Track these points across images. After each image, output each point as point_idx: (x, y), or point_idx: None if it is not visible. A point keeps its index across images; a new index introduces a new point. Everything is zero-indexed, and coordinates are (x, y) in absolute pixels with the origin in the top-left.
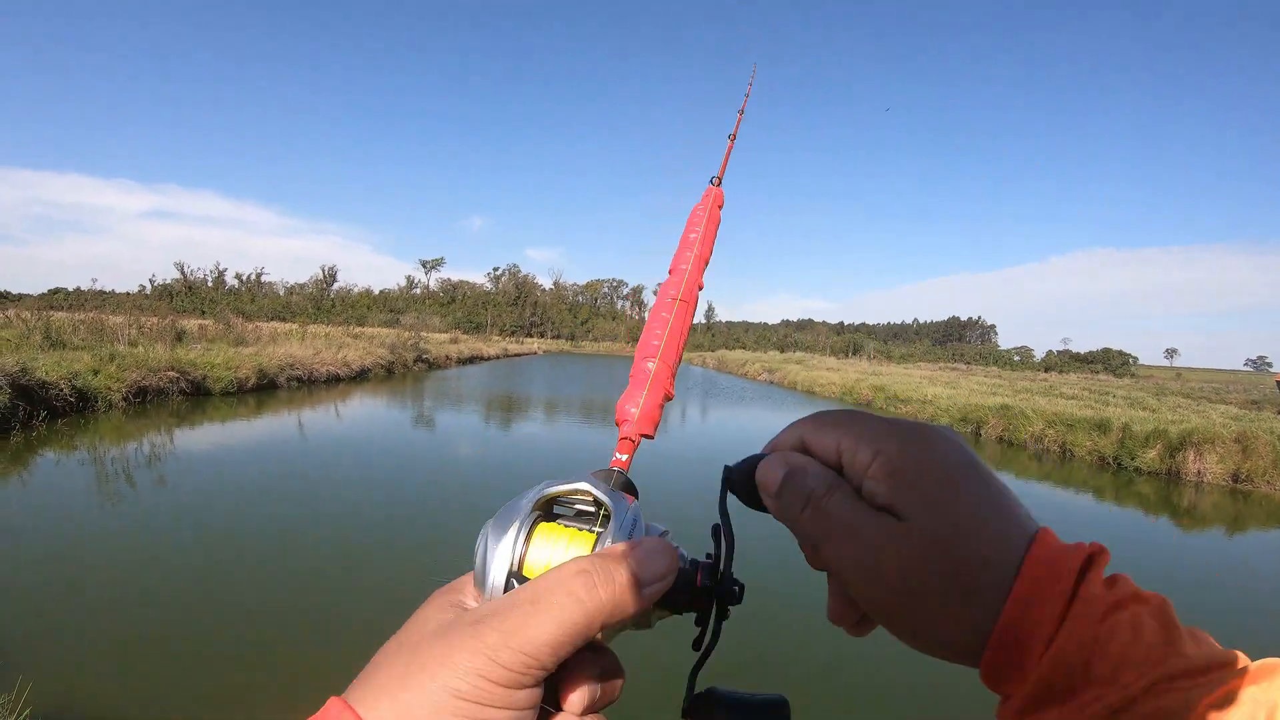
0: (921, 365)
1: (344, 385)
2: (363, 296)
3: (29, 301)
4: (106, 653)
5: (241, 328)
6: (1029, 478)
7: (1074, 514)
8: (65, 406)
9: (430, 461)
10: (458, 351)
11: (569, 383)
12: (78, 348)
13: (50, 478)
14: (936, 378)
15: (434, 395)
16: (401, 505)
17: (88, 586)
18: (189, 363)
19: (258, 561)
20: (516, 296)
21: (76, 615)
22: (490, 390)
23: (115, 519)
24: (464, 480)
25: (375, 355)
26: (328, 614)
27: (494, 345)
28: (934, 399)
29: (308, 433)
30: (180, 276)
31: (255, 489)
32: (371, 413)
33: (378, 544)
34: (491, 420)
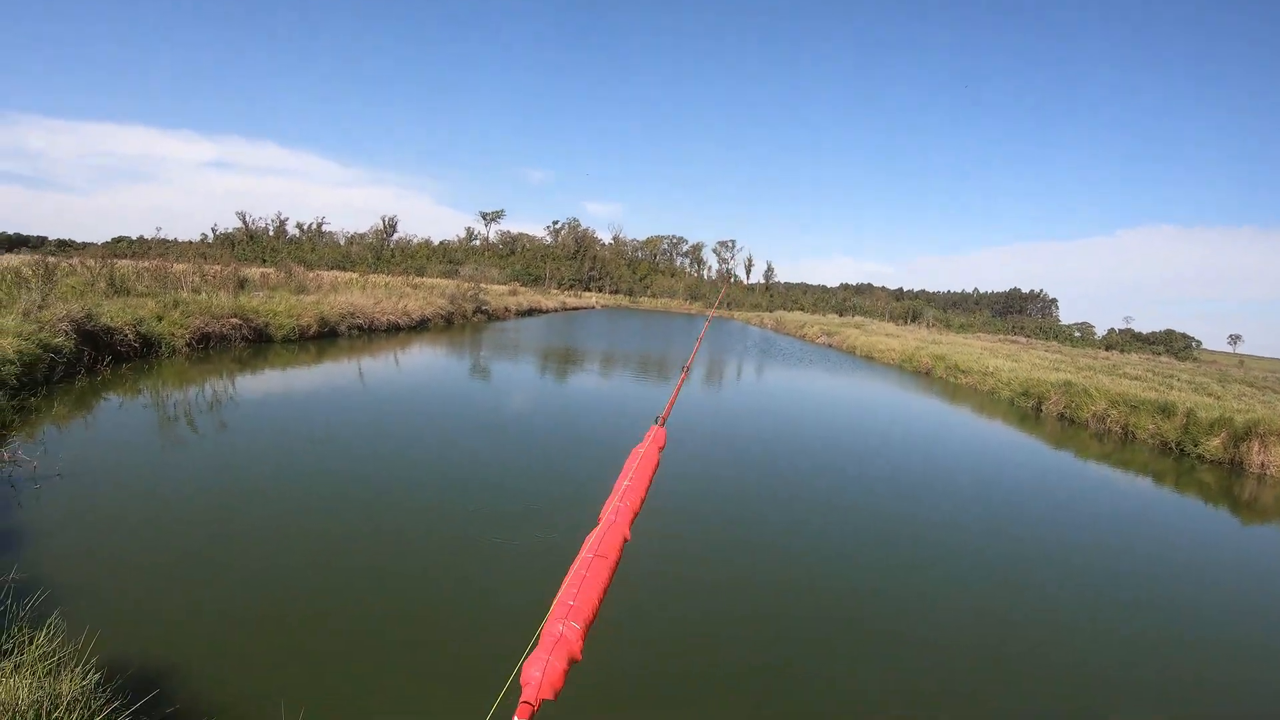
0: (981, 336)
1: (404, 334)
2: (422, 247)
3: (93, 250)
4: (169, 599)
5: (303, 276)
6: (1089, 457)
7: (1132, 499)
8: (130, 352)
9: (488, 411)
10: (516, 304)
11: (627, 338)
12: (142, 294)
13: (115, 421)
14: (997, 349)
15: (494, 346)
16: (458, 453)
17: (150, 531)
18: (252, 310)
19: (317, 507)
20: (575, 250)
21: (139, 561)
22: (549, 343)
23: (179, 463)
24: (521, 431)
25: (435, 305)
26: (385, 560)
27: (552, 298)
28: (995, 371)
29: (368, 380)
30: (242, 225)
31: (317, 435)
32: (432, 362)
33: (434, 492)
34: (549, 373)
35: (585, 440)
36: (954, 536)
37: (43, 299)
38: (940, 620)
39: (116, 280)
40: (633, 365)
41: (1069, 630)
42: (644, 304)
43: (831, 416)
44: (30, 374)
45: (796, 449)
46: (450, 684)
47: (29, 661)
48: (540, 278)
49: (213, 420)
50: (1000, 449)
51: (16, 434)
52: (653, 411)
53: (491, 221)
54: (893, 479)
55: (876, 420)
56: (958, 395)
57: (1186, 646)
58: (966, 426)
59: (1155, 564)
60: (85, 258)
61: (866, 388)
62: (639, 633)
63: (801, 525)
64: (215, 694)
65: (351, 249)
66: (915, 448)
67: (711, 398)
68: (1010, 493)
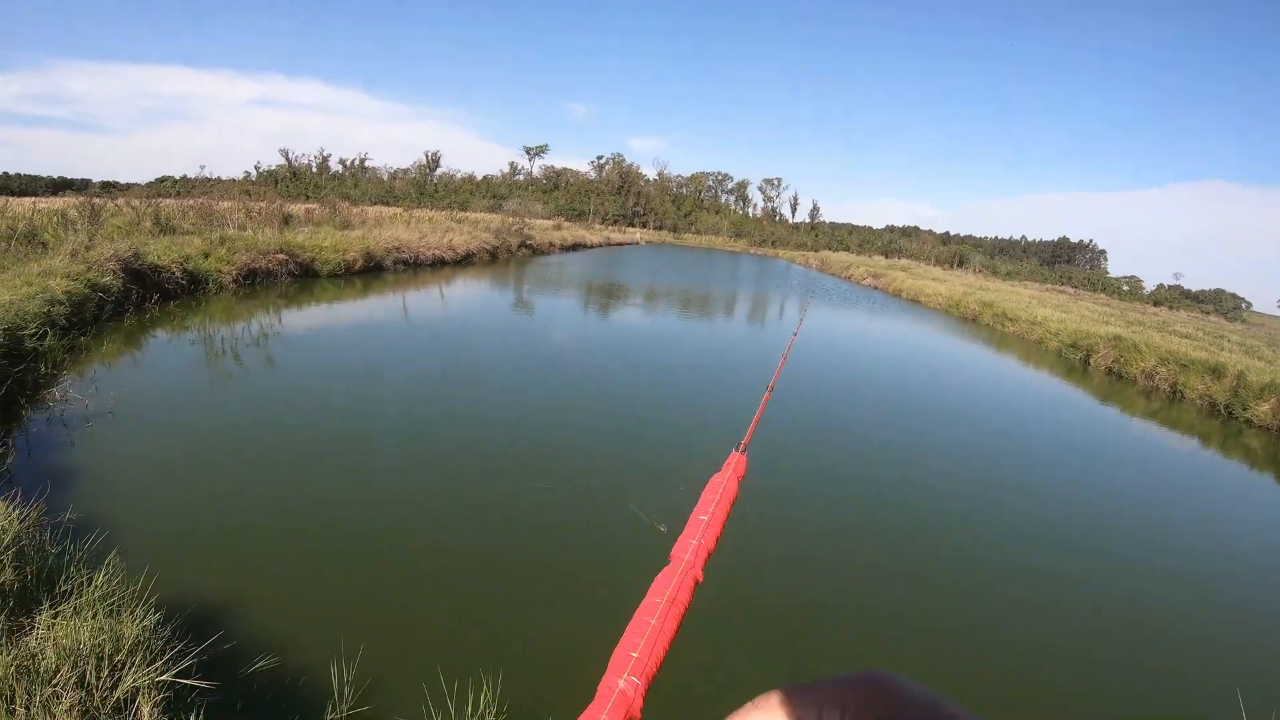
0: (1029, 284)
1: (449, 269)
2: (466, 182)
3: (137, 190)
4: (224, 537)
5: (347, 212)
6: (1135, 413)
7: (1178, 459)
8: (177, 289)
9: (541, 348)
10: (561, 238)
11: (673, 273)
12: (188, 232)
13: (164, 358)
14: (1045, 299)
15: (540, 280)
16: (511, 389)
17: (202, 468)
18: (297, 246)
19: (371, 444)
20: (620, 185)
21: (192, 499)
22: (595, 277)
23: (228, 399)
24: (569, 363)
25: (480, 240)
26: (440, 504)
27: (597, 233)
28: (1044, 320)
29: (417, 315)
30: (285, 162)
31: (369, 369)
32: (480, 296)
33: (488, 431)
34: (594, 307)
35: (631, 367)
36: (1023, 499)
37: (89, 239)
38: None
39: (162, 219)
40: (675, 300)
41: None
42: (688, 240)
43: (886, 358)
44: (79, 313)
45: (858, 395)
46: (505, 646)
47: (89, 603)
48: (584, 213)
49: (261, 355)
50: (1056, 402)
51: (68, 373)
52: (699, 343)
53: (535, 156)
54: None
55: (930, 366)
56: (1004, 343)
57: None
58: (1018, 377)
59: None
60: (130, 198)
61: (917, 333)
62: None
63: (870, 482)
64: (273, 631)
65: (395, 184)
66: (966, 395)
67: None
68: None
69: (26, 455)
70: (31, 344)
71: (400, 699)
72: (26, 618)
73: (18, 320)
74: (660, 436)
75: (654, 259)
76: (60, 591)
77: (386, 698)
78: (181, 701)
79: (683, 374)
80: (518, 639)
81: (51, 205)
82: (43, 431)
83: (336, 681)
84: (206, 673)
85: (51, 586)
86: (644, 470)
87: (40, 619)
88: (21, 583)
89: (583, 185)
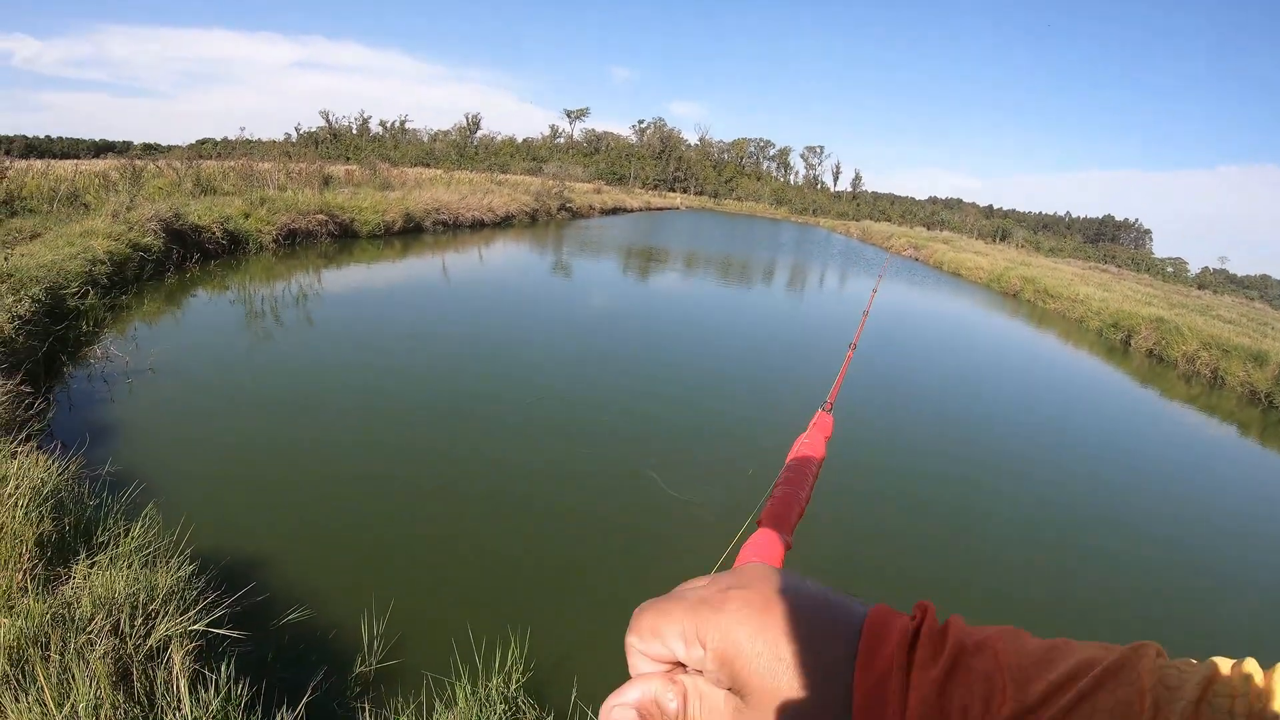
0: (1071, 261)
1: (489, 230)
2: (506, 144)
3: (178, 152)
4: (260, 492)
5: (387, 173)
6: (1173, 398)
7: (1219, 447)
8: (218, 249)
9: (584, 310)
10: (601, 202)
11: (711, 240)
12: (228, 193)
13: (204, 317)
14: (1088, 276)
15: (579, 244)
16: (543, 349)
17: (240, 425)
18: (337, 206)
19: (411, 404)
20: (660, 150)
21: (230, 454)
22: (634, 241)
23: (267, 357)
24: (607, 327)
25: (520, 202)
26: (464, 457)
27: (637, 198)
28: (1085, 299)
29: (457, 276)
30: (325, 124)
31: (408, 330)
32: (521, 258)
33: (521, 388)
34: (633, 271)
35: (669, 331)
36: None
37: (131, 200)
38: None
39: (203, 180)
40: (714, 266)
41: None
42: (729, 206)
43: (929, 329)
44: (121, 273)
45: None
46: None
47: (125, 554)
48: (625, 177)
49: (299, 315)
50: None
51: (109, 331)
52: (738, 311)
53: (576, 119)
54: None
55: (971, 342)
56: (1045, 320)
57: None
58: (1057, 352)
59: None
60: (171, 160)
61: (957, 306)
62: None
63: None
64: (305, 585)
65: (435, 146)
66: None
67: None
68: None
69: (68, 410)
70: (73, 302)
71: (429, 653)
72: (64, 567)
73: (60, 279)
74: (713, 401)
75: (695, 225)
76: (97, 542)
77: (415, 651)
78: (213, 651)
79: (737, 341)
80: (549, 600)
81: (93, 167)
82: (83, 387)
83: (366, 634)
84: (238, 623)
85: (89, 537)
86: (689, 436)
87: (77, 569)
88: (60, 534)
89: (623, 149)
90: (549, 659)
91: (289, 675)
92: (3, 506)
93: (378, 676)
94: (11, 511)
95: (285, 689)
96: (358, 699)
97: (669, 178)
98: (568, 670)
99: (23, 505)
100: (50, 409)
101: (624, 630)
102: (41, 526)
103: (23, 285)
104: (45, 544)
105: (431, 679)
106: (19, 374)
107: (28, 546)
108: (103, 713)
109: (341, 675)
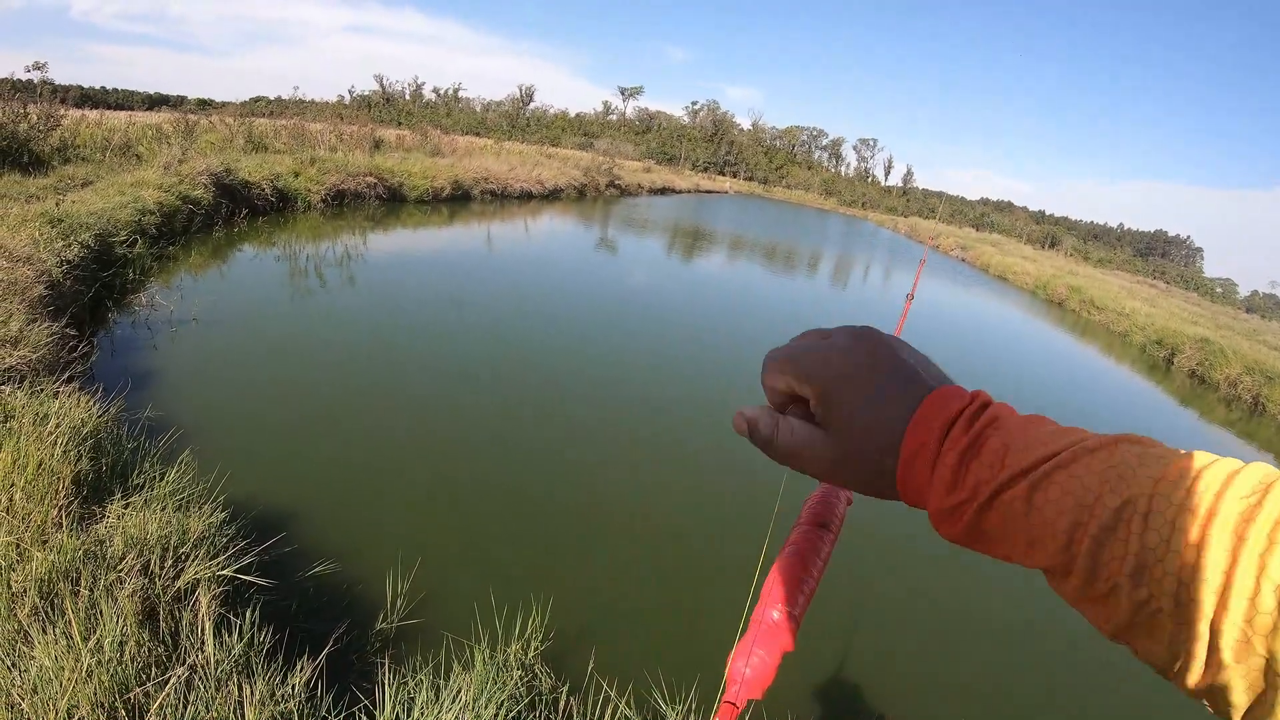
0: (1119, 273)
1: (536, 202)
2: (558, 118)
3: (231, 108)
4: (295, 445)
5: (438, 140)
6: (1212, 421)
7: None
8: (266, 206)
9: (615, 283)
10: (650, 181)
11: (757, 225)
12: (279, 151)
13: (249, 272)
14: (1135, 290)
15: (624, 221)
16: (580, 323)
17: (279, 378)
18: (387, 170)
19: (447, 367)
20: (712, 133)
21: (268, 407)
22: (681, 222)
23: (309, 314)
24: (642, 305)
25: (569, 176)
26: (496, 423)
27: (686, 179)
28: (1131, 313)
29: (503, 245)
30: (379, 88)
31: (449, 294)
32: (568, 231)
33: (556, 357)
34: (676, 253)
35: (712, 315)
36: None
37: (183, 153)
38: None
39: (254, 137)
40: (758, 253)
41: None
42: (777, 194)
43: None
44: (169, 224)
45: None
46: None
47: (159, 497)
48: (675, 157)
49: (343, 274)
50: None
51: (155, 280)
52: (778, 298)
53: (630, 98)
54: None
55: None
56: (1088, 331)
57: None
58: (1096, 365)
59: None
60: (224, 116)
61: (1002, 310)
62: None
63: None
64: (334, 539)
65: (487, 116)
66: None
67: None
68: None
69: (110, 355)
70: (121, 250)
71: (451, 614)
72: (98, 506)
73: (110, 227)
74: (725, 387)
75: (740, 211)
76: (132, 485)
77: (437, 612)
78: (239, 597)
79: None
80: (570, 572)
81: (147, 120)
82: (127, 334)
83: (390, 592)
84: (265, 571)
85: (125, 479)
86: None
87: (111, 509)
88: (96, 473)
89: (675, 129)
90: (569, 630)
91: (311, 626)
92: (43, 443)
93: (399, 634)
94: (51, 449)
95: (307, 639)
96: (377, 654)
97: (719, 161)
98: (586, 642)
99: (61, 444)
100: (93, 353)
101: (646, 609)
102: (79, 465)
103: (73, 231)
104: (82, 482)
105: (452, 640)
106: (65, 317)
107: (64, 484)
108: (127, 649)
109: (363, 630)
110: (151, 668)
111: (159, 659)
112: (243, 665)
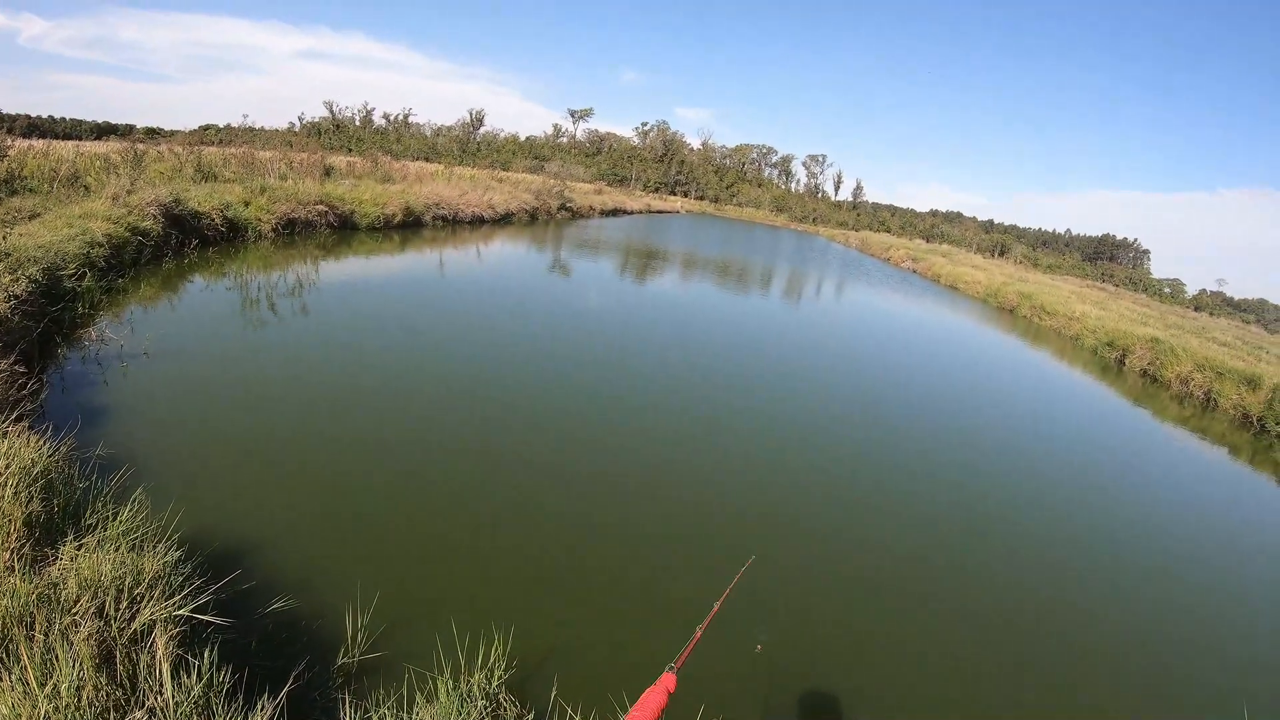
0: (1069, 278)
1: (488, 227)
2: (509, 142)
3: (181, 136)
4: (249, 480)
5: (388, 166)
6: (1166, 419)
7: (1207, 468)
8: (216, 236)
9: (577, 309)
10: (601, 203)
11: (709, 244)
12: (229, 180)
13: (200, 303)
14: (1085, 294)
15: (577, 243)
16: (531, 347)
17: (232, 412)
18: (337, 197)
19: (398, 395)
20: (663, 154)
21: (221, 441)
22: (633, 242)
23: (262, 345)
24: (592, 329)
25: (520, 200)
26: (451, 452)
27: (638, 200)
28: (1081, 316)
29: (453, 271)
30: (329, 115)
31: (401, 322)
32: (517, 256)
33: (508, 385)
34: (629, 275)
35: (670, 333)
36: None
37: (131, 184)
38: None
39: (204, 166)
40: (710, 270)
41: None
42: (729, 212)
43: (915, 346)
44: (118, 256)
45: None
46: (513, 591)
47: (112, 537)
48: (626, 178)
49: (295, 304)
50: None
51: (104, 314)
52: (730, 310)
53: (580, 120)
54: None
55: (956, 356)
56: (1040, 337)
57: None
58: (1048, 373)
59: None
60: (173, 144)
61: (951, 321)
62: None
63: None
64: (291, 574)
65: (438, 141)
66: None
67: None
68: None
69: (60, 392)
70: (70, 284)
71: (413, 646)
72: (51, 548)
73: (57, 260)
74: (679, 415)
75: (691, 230)
76: (85, 525)
77: (399, 644)
78: (197, 636)
79: (709, 357)
80: (530, 600)
81: (95, 149)
82: (77, 369)
83: (351, 626)
84: (223, 610)
85: (77, 520)
86: (680, 436)
87: (64, 550)
88: (48, 514)
89: (626, 151)
90: (532, 658)
91: (271, 664)
92: None
93: (360, 668)
94: (1, 491)
95: (267, 677)
96: (339, 690)
97: (670, 181)
98: (549, 670)
99: (12, 485)
100: (43, 390)
101: (607, 636)
102: (30, 507)
103: (20, 265)
104: (34, 524)
105: (414, 672)
106: (13, 354)
107: (16, 526)
108: (85, 694)
109: (324, 665)
110: (110, 712)
111: (117, 703)
112: (203, 707)
